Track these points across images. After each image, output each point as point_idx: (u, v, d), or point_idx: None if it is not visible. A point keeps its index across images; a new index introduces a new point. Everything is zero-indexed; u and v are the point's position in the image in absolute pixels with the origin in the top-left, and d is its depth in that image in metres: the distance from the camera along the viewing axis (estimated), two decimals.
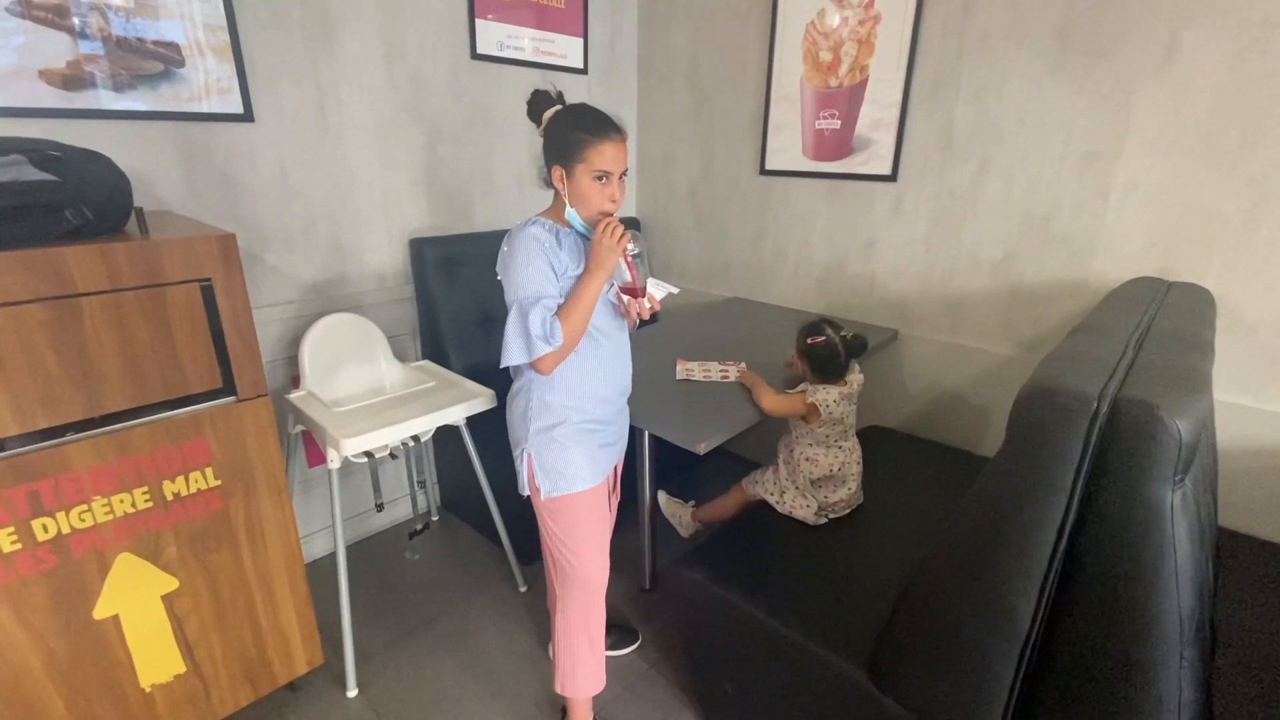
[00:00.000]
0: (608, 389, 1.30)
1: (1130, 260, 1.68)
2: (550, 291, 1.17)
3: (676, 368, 1.82)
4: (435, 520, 2.35)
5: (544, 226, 1.19)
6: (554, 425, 1.26)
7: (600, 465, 1.33)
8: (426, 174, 2.11)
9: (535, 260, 1.16)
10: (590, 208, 1.19)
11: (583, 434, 1.28)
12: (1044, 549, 0.88)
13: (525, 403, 1.27)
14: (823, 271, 2.31)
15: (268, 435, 1.35)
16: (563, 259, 1.19)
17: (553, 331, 1.14)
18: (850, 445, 1.61)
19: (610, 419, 1.34)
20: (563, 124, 1.17)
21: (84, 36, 1.45)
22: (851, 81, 2.07)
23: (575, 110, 1.19)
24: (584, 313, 1.18)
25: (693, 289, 2.73)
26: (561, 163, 1.17)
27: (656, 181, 2.75)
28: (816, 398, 1.54)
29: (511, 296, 1.17)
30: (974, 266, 1.95)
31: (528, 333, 1.14)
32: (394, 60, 1.95)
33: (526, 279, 1.15)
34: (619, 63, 2.62)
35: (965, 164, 1.90)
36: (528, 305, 1.14)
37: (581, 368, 1.26)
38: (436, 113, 2.09)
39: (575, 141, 1.15)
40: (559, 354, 1.17)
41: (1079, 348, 1.02)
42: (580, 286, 1.17)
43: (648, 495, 1.80)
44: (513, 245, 1.18)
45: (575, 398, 1.26)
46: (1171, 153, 1.57)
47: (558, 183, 1.20)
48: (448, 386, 1.79)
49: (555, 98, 1.21)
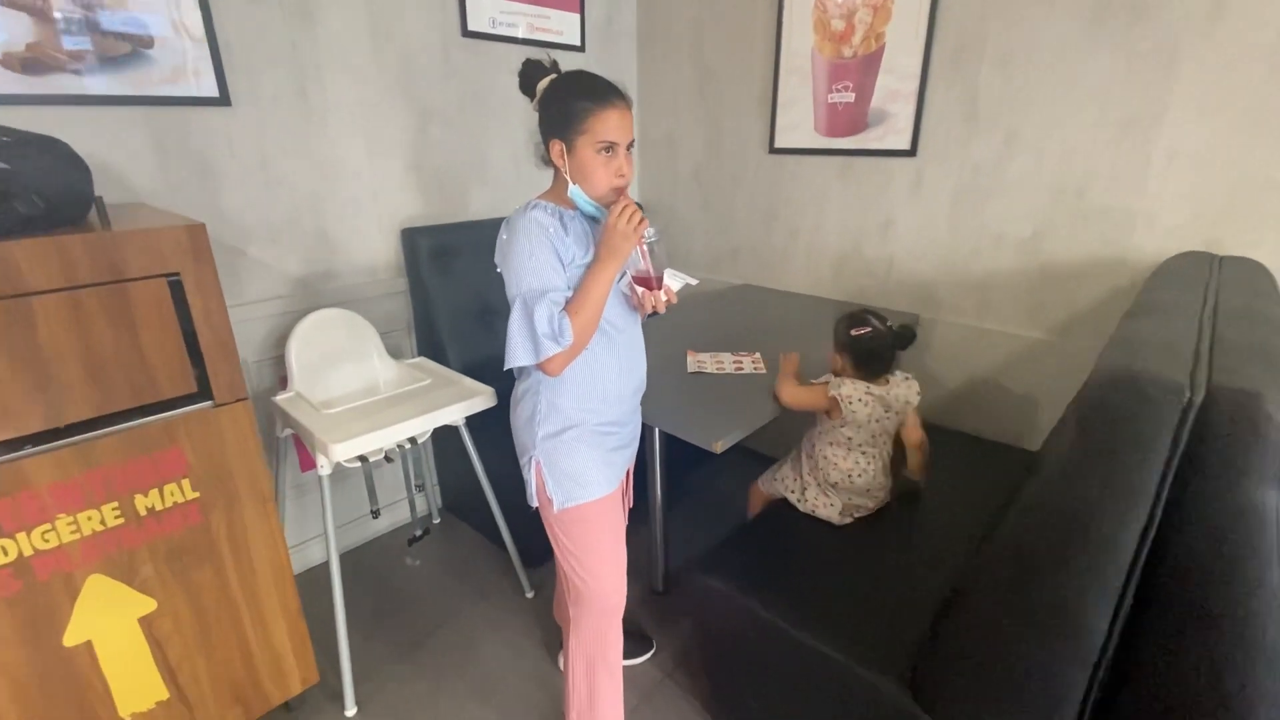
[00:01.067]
0: (622, 387, 1.20)
1: (1174, 234, 1.57)
2: (557, 283, 1.06)
3: (687, 359, 1.71)
4: (437, 523, 2.26)
5: (546, 210, 1.08)
6: (564, 429, 1.15)
7: (615, 469, 1.23)
8: (417, 159, 1.99)
9: (539, 249, 1.05)
10: (596, 184, 1.07)
11: (596, 437, 1.18)
12: (1122, 557, 0.78)
13: (533, 406, 1.17)
14: (837, 255, 2.20)
15: (249, 442, 1.25)
16: (569, 246, 1.08)
17: (562, 329, 1.03)
18: (876, 454, 1.47)
19: (625, 419, 1.24)
20: (560, 92, 1.06)
21: (45, 17, 1.33)
22: (866, 50, 1.95)
23: (573, 76, 1.08)
24: (596, 306, 1.07)
25: (701, 275, 2.62)
26: (560, 135, 1.06)
27: (661, 163, 2.63)
28: (840, 391, 1.42)
29: (514, 291, 1.06)
30: (1001, 245, 1.84)
31: (534, 331, 1.03)
32: (380, 39, 1.83)
33: (530, 270, 1.04)
34: (618, 39, 2.49)
35: (991, 135, 1.78)
36: (533, 300, 1.03)
37: (594, 366, 1.15)
38: (426, 94, 1.97)
39: (575, 110, 1.03)
40: (569, 353, 1.06)
41: (1146, 330, 0.91)
42: (591, 277, 1.06)
43: (659, 494, 1.70)
44: (513, 232, 1.07)
45: (588, 399, 1.16)
46: (1218, 117, 1.45)
47: (557, 159, 1.09)
48: (445, 384, 1.69)
49: (549, 66, 1.09)
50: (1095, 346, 1.68)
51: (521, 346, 1.05)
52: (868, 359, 1.44)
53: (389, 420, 1.46)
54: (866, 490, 1.47)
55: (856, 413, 1.41)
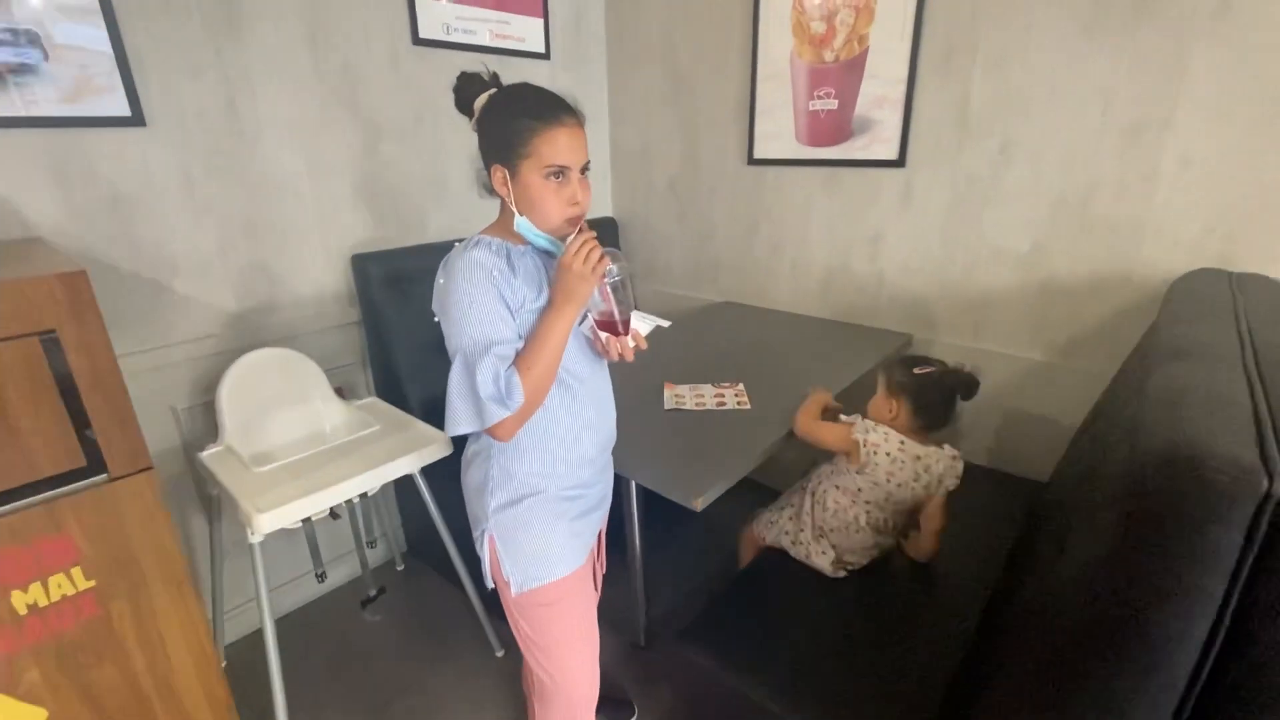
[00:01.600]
0: (588, 445, 1.05)
1: (1184, 247, 1.45)
2: (504, 335, 0.90)
3: (664, 393, 1.57)
4: (400, 569, 2.09)
5: (490, 248, 0.93)
6: (521, 498, 1.00)
7: (583, 539, 1.08)
8: (367, 178, 1.83)
9: (481, 295, 0.89)
10: (546, 214, 0.92)
11: (560, 505, 1.03)
12: (1179, 671, 0.64)
13: (484, 473, 1.01)
14: (824, 270, 2.06)
15: (157, 517, 1.08)
16: (518, 288, 0.93)
17: (509, 389, 0.88)
18: (883, 521, 1.31)
19: (592, 480, 1.09)
20: (499, 110, 0.91)
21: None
22: (849, 54, 1.82)
23: (514, 92, 0.93)
24: (551, 358, 0.92)
25: (678, 293, 2.48)
26: (502, 160, 0.91)
27: (634, 175, 2.49)
28: (866, 437, 1.27)
29: (454, 345, 0.91)
30: (998, 260, 1.71)
31: (476, 393, 0.87)
32: (319, 47, 1.67)
33: (471, 320, 0.89)
34: (585, 45, 2.34)
35: (985, 143, 1.65)
36: (475, 356, 0.88)
37: (553, 424, 1.00)
38: (375, 107, 1.80)
39: (517, 131, 0.89)
40: (521, 415, 0.91)
41: (1188, 382, 0.77)
42: (545, 325, 0.91)
43: (638, 546, 1.55)
44: (450, 276, 0.91)
45: (548, 462, 1.01)
46: (1232, 121, 1.34)
47: (500, 187, 0.94)
48: (397, 430, 1.52)
49: (488, 80, 0.94)
50: (1102, 369, 1.57)
51: (463, 411, 0.89)
52: (930, 405, 1.27)
53: (329, 478, 1.30)
54: (861, 548, 1.33)
55: (879, 465, 1.26)
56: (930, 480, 1.27)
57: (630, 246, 2.58)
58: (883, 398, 1.33)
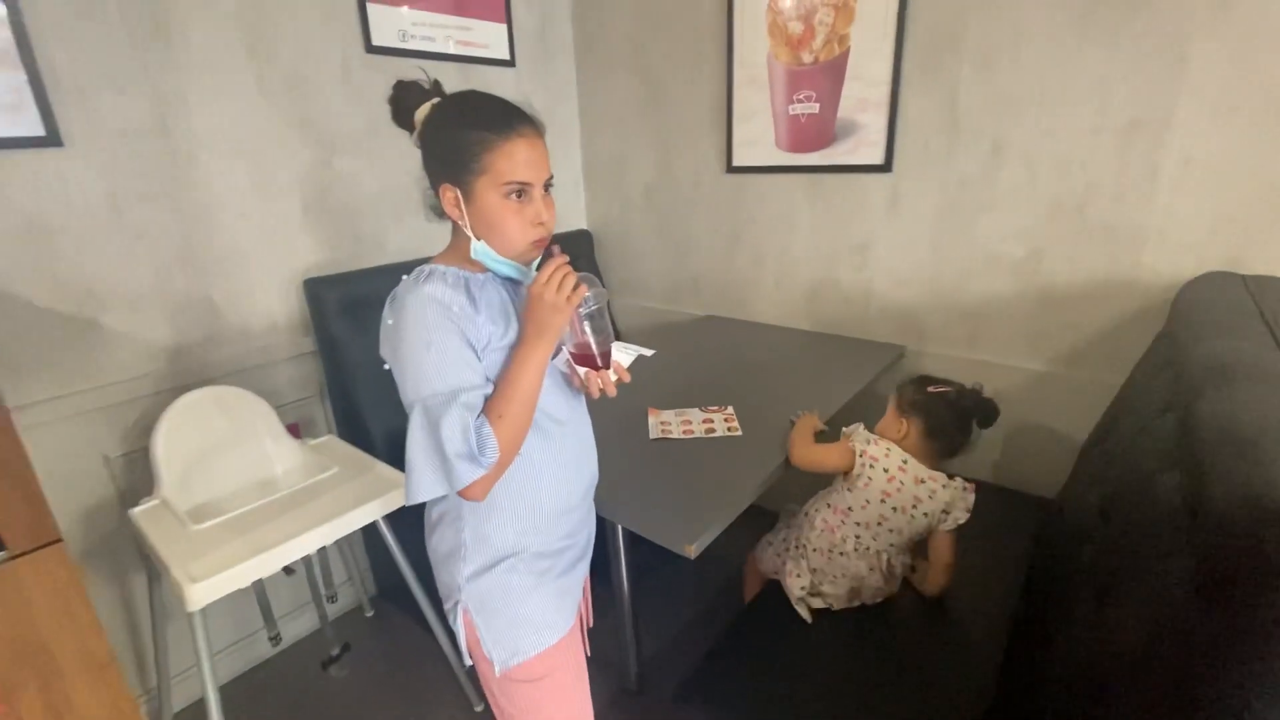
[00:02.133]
0: (571, 494, 0.93)
1: (1189, 250, 1.38)
2: (470, 380, 0.78)
3: (648, 420, 1.45)
4: (370, 616, 1.94)
5: (446, 280, 0.81)
6: (499, 561, 0.88)
7: (571, 596, 0.96)
8: (320, 196, 1.69)
9: (441, 337, 0.77)
10: (508, 238, 0.81)
11: (542, 563, 0.91)
12: None
13: (454, 538, 0.89)
14: (810, 282, 1.97)
15: (70, 595, 0.93)
16: (482, 324, 0.81)
17: (482, 443, 0.76)
18: (872, 546, 1.22)
19: (577, 528, 0.97)
20: (446, 123, 0.80)
21: None
22: (829, 55, 1.73)
23: (462, 101, 0.82)
24: (526, 402, 0.80)
25: (658, 308, 2.37)
26: (453, 179, 0.80)
27: (608, 186, 2.38)
28: (866, 448, 1.19)
29: (411, 396, 0.78)
30: (993, 267, 1.63)
31: (442, 452, 0.75)
32: (262, 58, 1.53)
33: (431, 368, 0.77)
34: (552, 52, 2.23)
35: (975, 145, 1.58)
36: (438, 408, 0.76)
37: (532, 475, 0.88)
38: (327, 120, 1.67)
39: (467, 145, 0.78)
40: (495, 470, 0.79)
41: (1253, 412, 0.68)
42: (516, 364, 0.80)
43: (626, 592, 1.42)
44: (401, 316, 0.79)
45: (527, 519, 0.89)
46: (1235, 118, 1.27)
47: (451, 209, 0.82)
48: (358, 472, 1.39)
49: (429, 88, 0.83)
50: (1107, 378, 1.49)
51: (427, 475, 0.77)
52: (943, 427, 1.19)
53: (279, 534, 1.16)
54: (843, 577, 1.22)
55: (873, 481, 1.17)
56: (932, 510, 1.18)
57: (606, 260, 2.47)
58: (893, 416, 1.26)
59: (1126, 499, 0.89)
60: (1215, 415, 0.69)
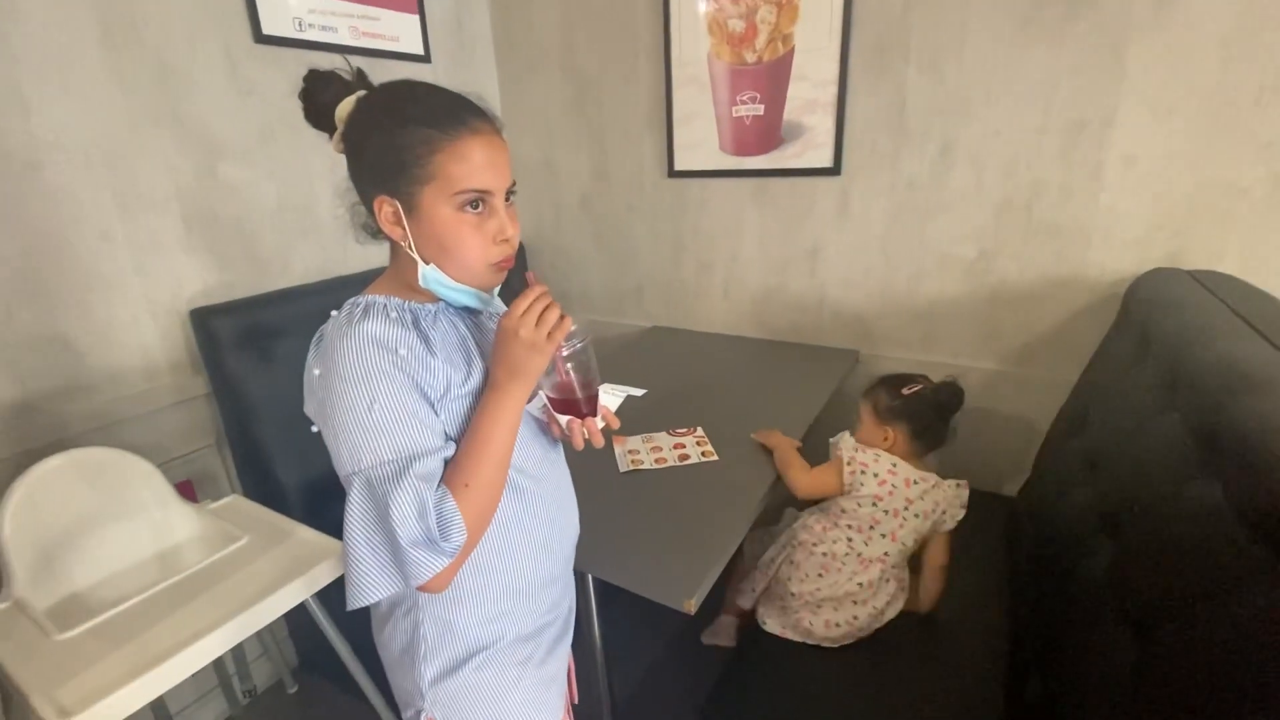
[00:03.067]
0: (553, 561, 0.79)
1: (1132, 248, 1.41)
2: (425, 443, 0.63)
3: (615, 452, 1.32)
4: (292, 692, 1.67)
5: (388, 315, 0.65)
6: (469, 657, 0.72)
7: (557, 684, 0.83)
8: (204, 210, 1.43)
9: (386, 388, 0.61)
10: (466, 259, 0.66)
11: (523, 649, 0.76)
12: None
13: (410, 631, 0.72)
14: (760, 289, 1.91)
15: None
16: (438, 369, 0.65)
17: (446, 524, 0.61)
18: (865, 550, 1.16)
19: (560, 597, 0.84)
20: (379, 119, 0.65)
21: None
22: (773, 55, 1.67)
23: (398, 93, 0.66)
24: (498, 462, 0.66)
25: (600, 320, 2.23)
26: (390, 189, 0.64)
27: (539, 193, 2.22)
28: (855, 455, 1.15)
29: (349, 466, 0.61)
30: (944, 269, 1.63)
31: (393, 540, 0.59)
32: (119, 46, 1.26)
33: (374, 431, 0.61)
34: (471, 47, 2.05)
35: (924, 147, 1.56)
36: (386, 483, 0.60)
37: (506, 546, 0.73)
38: (209, 120, 1.41)
39: (408, 146, 0.63)
40: (462, 556, 0.64)
41: None
42: (486, 415, 0.65)
43: (596, 627, 1.28)
44: (332, 365, 0.62)
45: (502, 599, 0.74)
46: (1173, 117, 1.31)
47: (389, 225, 0.66)
48: (272, 540, 1.16)
49: (352, 79, 0.68)
50: (1059, 375, 1.51)
51: (374, 570, 0.60)
52: (929, 426, 1.17)
53: (174, 636, 0.92)
54: (863, 614, 1.14)
55: (864, 484, 1.13)
56: (923, 510, 1.14)
57: (542, 272, 2.30)
58: (873, 426, 1.21)
59: (1144, 510, 0.85)
60: (1263, 424, 0.65)
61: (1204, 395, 0.81)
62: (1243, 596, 0.61)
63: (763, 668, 1.16)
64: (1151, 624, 0.73)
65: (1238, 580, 0.62)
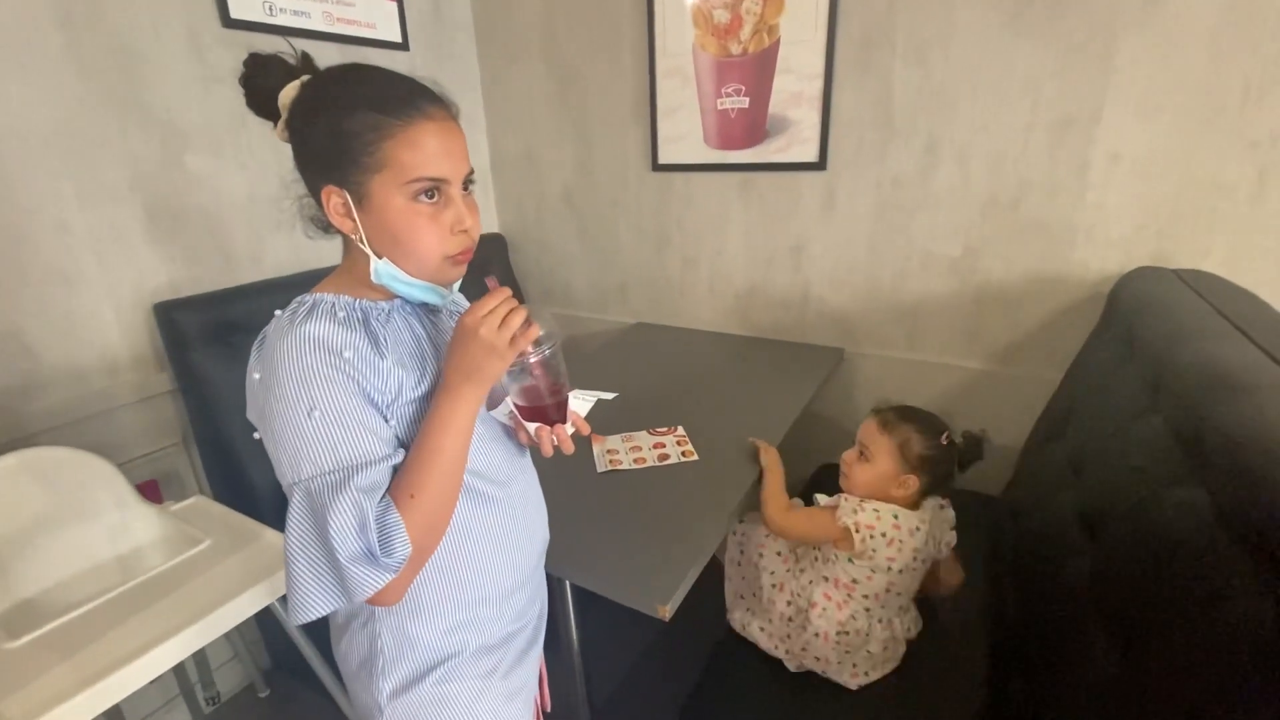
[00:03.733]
0: (518, 569, 0.76)
1: (1118, 246, 1.40)
2: (370, 451, 0.59)
3: (593, 451, 1.29)
4: (264, 696, 1.63)
5: (334, 315, 0.61)
6: (432, 669, 0.69)
7: (525, 694, 0.79)
8: (168, 201, 1.38)
9: (328, 393, 0.58)
10: (419, 252, 0.63)
11: (489, 659, 0.73)
12: None
13: (367, 643, 0.69)
14: (745, 285, 1.88)
15: None
16: (388, 371, 0.62)
17: (387, 538, 0.57)
18: (885, 617, 1.06)
19: (527, 605, 0.80)
20: (325, 105, 0.61)
21: None
22: (758, 46, 1.64)
23: (345, 77, 0.62)
24: (448, 473, 0.62)
25: (583, 316, 2.20)
26: (339, 179, 0.61)
27: (521, 186, 2.18)
28: (857, 519, 1.01)
29: (289, 476, 0.58)
30: (929, 267, 1.61)
31: (332, 556, 0.56)
32: (79, 27, 1.21)
33: (313, 439, 0.57)
34: (450, 36, 2.00)
35: (910, 142, 1.54)
36: (325, 494, 0.56)
37: (469, 554, 0.70)
38: (174, 107, 1.37)
39: (356, 133, 0.59)
40: (412, 568, 0.60)
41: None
42: (435, 425, 0.61)
43: (574, 632, 1.25)
44: (272, 368, 0.59)
45: (465, 609, 0.71)
46: (1160, 115, 1.29)
47: (338, 217, 0.63)
48: (237, 543, 1.12)
49: (296, 64, 0.64)
50: (1043, 374, 1.49)
51: (313, 586, 0.57)
52: (947, 477, 1.08)
53: (129, 644, 0.88)
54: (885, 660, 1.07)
55: (876, 550, 1.01)
56: (923, 548, 1.04)
57: (524, 266, 2.27)
58: (893, 467, 1.05)
59: (1124, 514, 0.83)
60: (1246, 426, 0.63)
61: (1187, 397, 0.79)
62: (1224, 602, 0.60)
63: (744, 666, 1.13)
64: (1133, 628, 0.72)
65: (1220, 586, 0.61)
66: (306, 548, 0.57)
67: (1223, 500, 0.65)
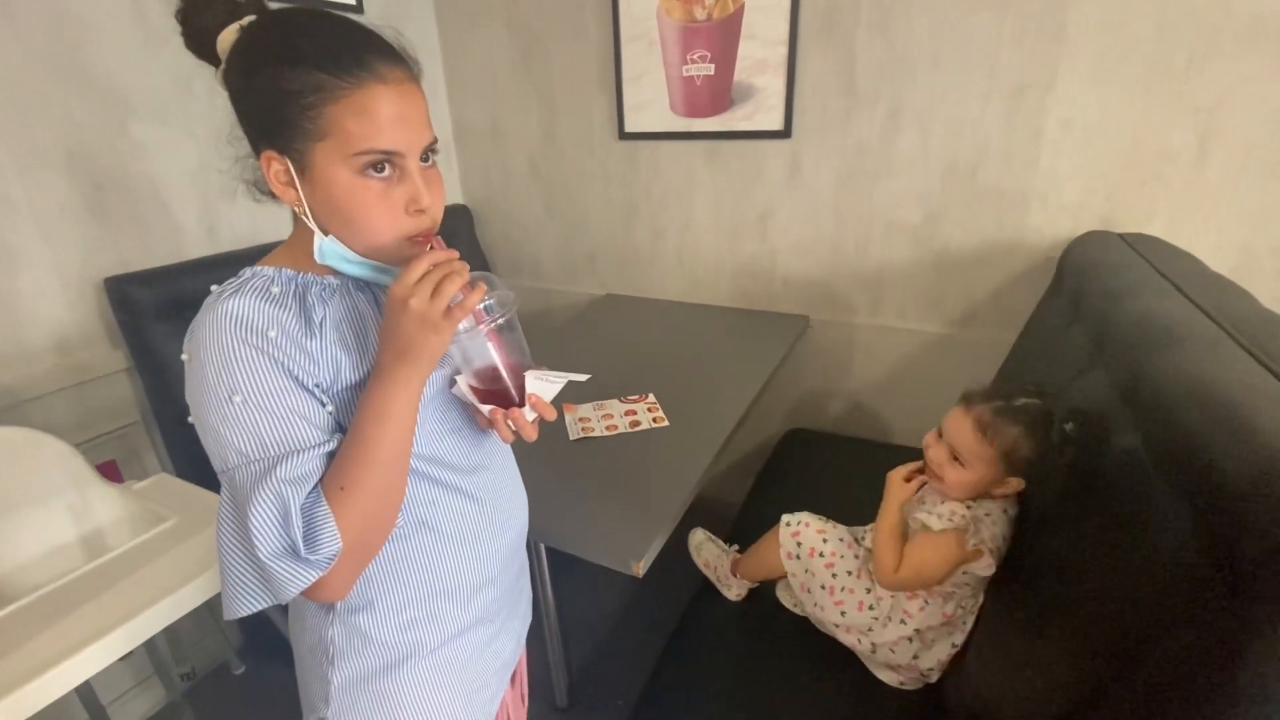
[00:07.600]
0: (487, 562, 0.71)
1: (1069, 211, 1.45)
2: (301, 438, 0.55)
3: (565, 419, 1.30)
4: (239, 673, 1.63)
5: (268, 291, 0.57)
6: (384, 666, 0.66)
7: (492, 686, 0.76)
8: (117, 173, 1.32)
9: (250, 377, 0.53)
10: (368, 230, 0.57)
11: (452, 652, 0.69)
12: None
13: (317, 630, 0.66)
14: (713, 254, 1.89)
15: None
16: (321, 352, 0.57)
17: (313, 532, 0.53)
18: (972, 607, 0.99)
19: (501, 600, 0.76)
20: (263, 57, 0.54)
21: None
22: (723, 12, 1.63)
23: (287, 22, 0.55)
24: (386, 463, 0.56)
25: (551, 288, 2.19)
26: (278, 143, 0.55)
27: (485, 156, 2.14)
28: (982, 538, 0.91)
29: (218, 464, 0.55)
30: (892, 234, 1.64)
31: (251, 549, 0.53)
32: None
33: (237, 426, 0.53)
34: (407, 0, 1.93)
35: (873, 110, 1.55)
36: (246, 486, 0.53)
37: (427, 545, 0.66)
38: (118, 72, 1.30)
39: (296, 93, 0.52)
40: (351, 563, 0.57)
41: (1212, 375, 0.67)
42: (368, 411, 0.56)
43: (549, 593, 1.28)
44: (196, 349, 0.55)
45: (426, 604, 0.67)
46: (1110, 82, 1.33)
47: (280, 187, 0.57)
48: (203, 522, 1.10)
49: (242, 1, 0.56)
50: (997, 337, 1.55)
51: (242, 583, 0.55)
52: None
53: (90, 627, 0.87)
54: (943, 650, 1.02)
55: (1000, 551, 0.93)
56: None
57: (490, 239, 2.24)
58: (998, 477, 0.94)
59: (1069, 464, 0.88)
60: (1180, 376, 0.67)
61: (1126, 350, 0.84)
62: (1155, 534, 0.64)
63: (719, 624, 1.17)
64: (1067, 566, 0.77)
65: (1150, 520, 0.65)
66: (233, 542, 0.54)
67: (1154, 444, 0.70)
